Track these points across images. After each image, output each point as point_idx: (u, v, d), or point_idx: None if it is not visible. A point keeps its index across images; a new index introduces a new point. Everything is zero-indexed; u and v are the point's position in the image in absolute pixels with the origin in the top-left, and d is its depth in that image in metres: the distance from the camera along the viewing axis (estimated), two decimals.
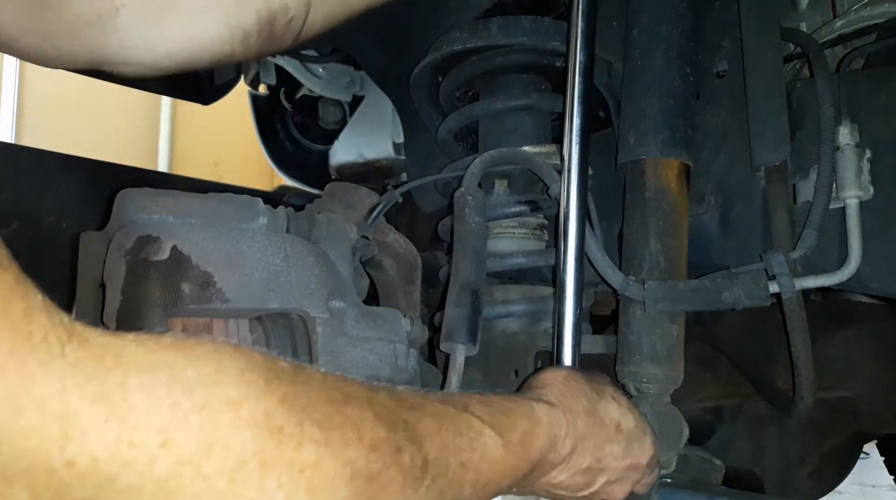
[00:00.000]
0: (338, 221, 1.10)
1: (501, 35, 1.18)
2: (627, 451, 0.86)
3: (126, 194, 0.95)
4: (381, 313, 1.02)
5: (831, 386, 1.46)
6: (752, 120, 1.07)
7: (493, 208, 1.19)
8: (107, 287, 0.88)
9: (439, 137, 1.36)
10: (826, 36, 1.24)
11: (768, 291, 1.02)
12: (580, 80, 1.02)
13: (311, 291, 0.95)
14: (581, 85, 1.02)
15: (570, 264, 0.99)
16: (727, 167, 1.13)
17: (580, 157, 1.01)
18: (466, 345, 0.96)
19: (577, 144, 1.01)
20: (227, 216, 0.98)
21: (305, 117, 2.45)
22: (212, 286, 0.88)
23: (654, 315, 1.04)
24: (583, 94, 1.02)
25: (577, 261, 0.99)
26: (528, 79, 1.27)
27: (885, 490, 3.72)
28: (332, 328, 0.94)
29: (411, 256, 1.21)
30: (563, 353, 0.97)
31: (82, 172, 1.88)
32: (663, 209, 1.07)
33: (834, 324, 1.49)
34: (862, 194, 1.00)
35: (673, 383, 1.06)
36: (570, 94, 1.02)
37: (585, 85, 1.02)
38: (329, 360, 0.93)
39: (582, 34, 1.02)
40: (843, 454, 1.80)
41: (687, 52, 1.11)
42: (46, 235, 1.76)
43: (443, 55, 1.23)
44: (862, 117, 1.03)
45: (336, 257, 1.04)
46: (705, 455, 1.27)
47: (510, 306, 1.17)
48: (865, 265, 0.99)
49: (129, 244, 0.88)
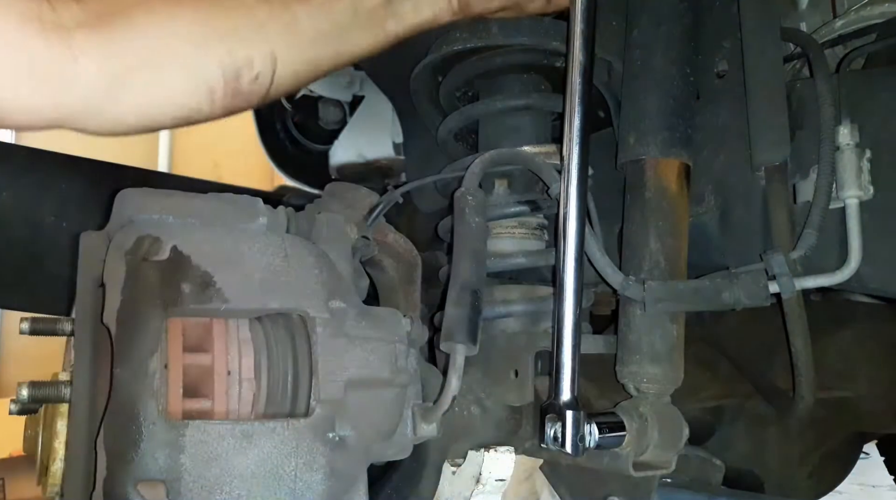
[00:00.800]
0: (338, 221, 1.10)
1: (501, 35, 1.18)
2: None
3: (126, 194, 0.95)
4: (381, 313, 1.02)
5: (831, 386, 1.46)
6: (752, 120, 1.07)
7: (493, 208, 1.19)
8: (107, 287, 0.88)
9: (439, 137, 1.36)
10: (826, 36, 1.24)
11: (768, 291, 1.02)
12: (580, 81, 1.02)
13: (311, 291, 0.95)
14: (581, 85, 1.02)
15: (569, 263, 0.98)
16: (727, 167, 1.13)
17: (580, 157, 1.01)
18: (466, 345, 0.96)
19: (577, 144, 1.01)
20: (227, 216, 0.99)
21: (305, 117, 2.45)
22: (212, 286, 0.88)
23: (654, 315, 1.04)
24: (583, 94, 1.02)
25: (576, 261, 0.98)
26: (528, 79, 1.27)
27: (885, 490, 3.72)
28: (332, 328, 0.94)
29: (411, 256, 1.21)
30: (562, 353, 0.97)
31: (82, 172, 1.88)
32: (663, 209, 1.07)
33: (834, 324, 1.49)
34: (862, 194, 1.00)
35: (673, 383, 1.06)
36: (569, 94, 1.02)
37: (585, 85, 1.02)
38: (329, 360, 0.93)
39: (582, 35, 1.02)
40: (843, 454, 1.80)
41: (687, 52, 1.11)
42: (46, 235, 1.76)
43: (443, 55, 1.23)
44: (862, 117, 1.03)
45: (336, 257, 1.04)
46: (705, 455, 1.27)
47: (510, 306, 1.17)
48: (865, 265, 0.99)
49: (129, 244, 0.88)
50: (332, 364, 0.93)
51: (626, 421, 1.00)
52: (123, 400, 0.83)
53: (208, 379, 0.91)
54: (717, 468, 1.27)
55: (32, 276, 1.75)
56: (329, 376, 0.92)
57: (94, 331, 0.94)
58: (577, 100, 1.02)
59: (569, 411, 0.92)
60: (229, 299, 0.89)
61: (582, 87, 1.02)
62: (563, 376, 0.95)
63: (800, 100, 1.09)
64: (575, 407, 0.93)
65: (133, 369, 0.83)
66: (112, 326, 0.85)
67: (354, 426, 0.95)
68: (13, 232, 1.74)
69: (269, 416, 0.93)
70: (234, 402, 0.93)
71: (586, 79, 1.02)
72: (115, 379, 0.84)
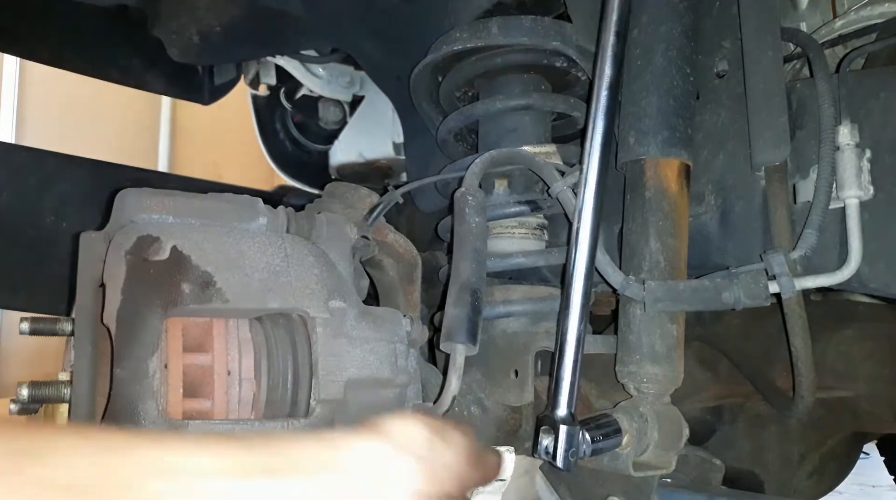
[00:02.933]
0: (338, 221, 1.10)
1: (501, 35, 1.18)
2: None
3: (126, 194, 0.95)
4: (381, 313, 1.03)
5: (831, 386, 1.46)
6: (752, 120, 1.07)
7: (493, 208, 1.18)
8: (107, 287, 0.88)
9: (439, 137, 1.36)
10: (826, 36, 1.24)
11: (768, 291, 1.02)
12: (606, 95, 1.02)
13: (311, 291, 0.95)
14: (607, 100, 1.02)
15: (578, 276, 0.98)
16: (727, 167, 1.13)
17: (600, 160, 1.00)
18: (466, 345, 0.96)
19: (599, 144, 1.01)
20: (227, 216, 0.99)
21: (305, 117, 2.45)
22: (212, 286, 0.88)
23: (654, 315, 1.04)
24: (608, 103, 1.02)
25: (585, 277, 0.98)
26: (528, 79, 1.27)
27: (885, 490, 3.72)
28: (332, 328, 0.94)
29: (411, 256, 1.21)
30: (563, 367, 0.96)
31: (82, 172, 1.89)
32: (663, 209, 1.06)
33: (834, 324, 1.49)
34: (862, 194, 1.00)
35: (673, 383, 1.06)
36: (594, 101, 1.02)
37: (611, 97, 1.02)
38: (329, 360, 0.93)
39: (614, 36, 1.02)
40: (843, 454, 1.80)
41: (687, 52, 1.11)
42: (46, 235, 1.76)
43: (443, 55, 1.23)
44: (862, 117, 1.03)
45: (336, 257, 1.04)
46: (705, 455, 1.27)
47: (510, 306, 1.17)
48: (865, 265, 0.99)
49: (129, 244, 0.88)
50: (332, 364, 0.93)
51: (626, 421, 1.00)
52: (123, 400, 0.83)
53: (208, 379, 0.92)
54: (717, 468, 1.27)
55: (32, 276, 1.75)
56: (329, 376, 0.92)
57: (94, 331, 0.94)
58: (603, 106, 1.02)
59: (563, 426, 0.92)
60: (229, 299, 0.89)
61: (608, 98, 1.02)
62: (561, 390, 0.95)
63: (800, 100, 1.09)
64: (570, 423, 0.93)
65: (133, 369, 0.83)
66: (112, 326, 0.85)
67: (354, 425, 0.95)
68: (13, 232, 1.74)
69: (269, 416, 0.93)
70: (234, 402, 0.93)
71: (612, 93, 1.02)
72: (115, 379, 0.84)
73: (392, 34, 1.47)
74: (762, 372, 1.43)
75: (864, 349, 1.48)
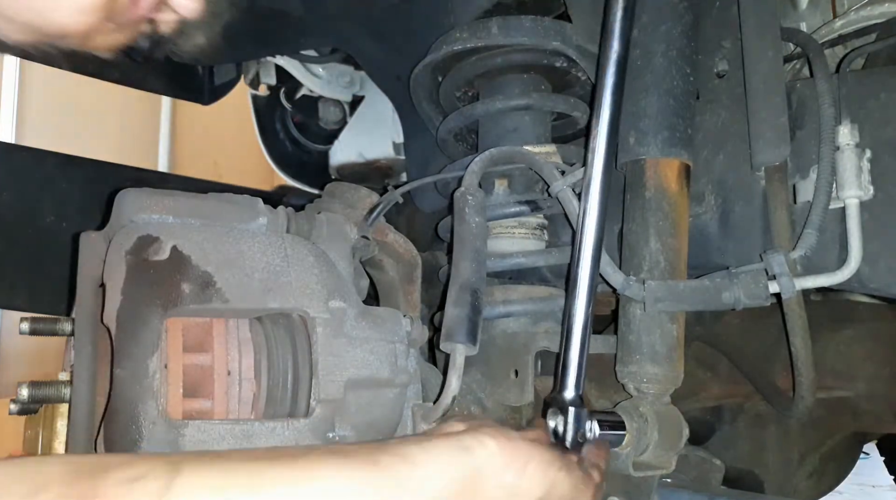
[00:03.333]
0: (338, 221, 1.10)
1: (501, 35, 1.18)
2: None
3: (126, 194, 0.95)
4: (381, 313, 1.02)
5: (831, 386, 1.46)
6: (752, 120, 1.07)
7: (493, 208, 1.18)
8: (107, 287, 0.88)
9: (439, 136, 1.36)
10: (826, 36, 1.24)
11: (768, 291, 1.02)
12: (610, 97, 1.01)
13: (311, 291, 0.95)
14: (613, 83, 1.01)
15: (585, 261, 0.97)
16: (727, 167, 1.13)
17: (606, 155, 1.00)
18: (466, 345, 0.96)
19: (605, 139, 1.00)
20: (227, 216, 0.99)
21: (305, 117, 2.45)
22: (212, 286, 0.88)
23: (654, 315, 1.04)
24: (615, 89, 1.01)
25: (593, 260, 0.97)
26: (528, 79, 1.27)
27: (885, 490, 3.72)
28: (332, 328, 0.94)
29: (411, 256, 1.21)
30: (570, 349, 0.96)
31: (82, 172, 1.89)
32: (663, 209, 1.07)
33: (834, 324, 1.49)
34: (862, 194, 1.00)
35: (673, 383, 1.06)
36: (600, 92, 1.01)
37: (618, 80, 1.01)
38: (329, 360, 0.93)
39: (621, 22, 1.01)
40: (843, 454, 1.80)
41: (687, 52, 1.11)
42: (46, 235, 1.76)
43: (443, 55, 1.23)
44: (862, 117, 1.03)
45: (336, 257, 1.04)
46: (705, 455, 1.27)
47: (510, 306, 1.17)
48: (865, 265, 0.99)
49: (129, 244, 0.88)
50: (332, 364, 0.93)
51: (626, 421, 1.00)
52: (123, 400, 0.83)
53: (208, 379, 0.92)
54: (717, 468, 1.27)
55: (32, 276, 1.75)
56: (329, 377, 0.92)
57: (94, 331, 0.94)
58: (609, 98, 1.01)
59: (572, 407, 0.92)
60: (229, 299, 0.89)
61: (615, 82, 1.01)
62: (569, 372, 0.95)
63: (800, 100, 1.09)
64: (578, 404, 0.93)
65: (133, 369, 0.83)
66: (112, 326, 0.85)
67: (354, 425, 0.95)
68: (13, 232, 1.74)
69: (269, 416, 0.93)
70: (234, 402, 0.93)
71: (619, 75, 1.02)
72: (115, 379, 0.84)
73: (392, 34, 1.47)
74: (762, 372, 1.43)
75: (864, 349, 1.48)
